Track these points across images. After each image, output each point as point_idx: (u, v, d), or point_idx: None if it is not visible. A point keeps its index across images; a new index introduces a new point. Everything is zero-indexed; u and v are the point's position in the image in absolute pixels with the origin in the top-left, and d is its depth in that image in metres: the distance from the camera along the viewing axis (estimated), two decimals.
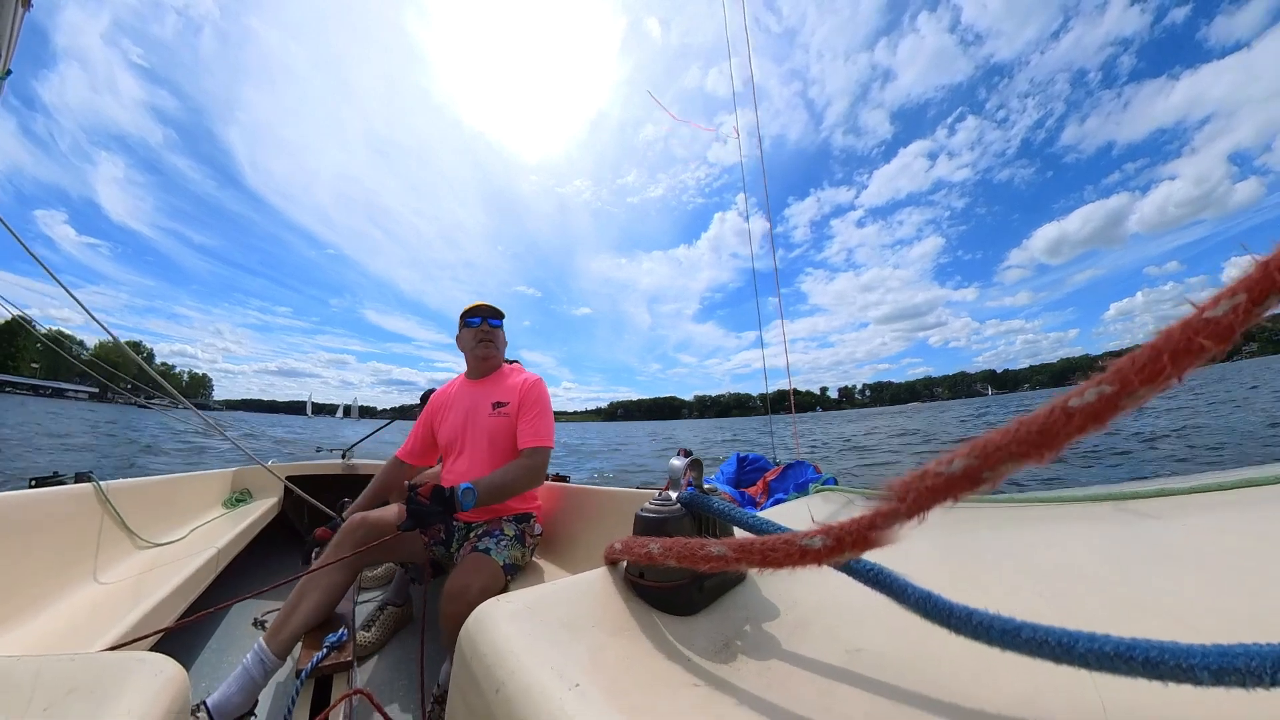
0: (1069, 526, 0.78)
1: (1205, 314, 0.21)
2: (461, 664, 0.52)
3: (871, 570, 0.46)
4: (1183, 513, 0.74)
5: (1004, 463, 0.26)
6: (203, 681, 1.87)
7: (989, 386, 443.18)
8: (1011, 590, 0.58)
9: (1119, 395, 0.22)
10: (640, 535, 0.64)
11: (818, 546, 0.38)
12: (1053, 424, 0.24)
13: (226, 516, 2.82)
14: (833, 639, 0.52)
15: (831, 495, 1.19)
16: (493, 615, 0.54)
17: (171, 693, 0.50)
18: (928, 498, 0.30)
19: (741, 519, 0.62)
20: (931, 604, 0.40)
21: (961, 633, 0.37)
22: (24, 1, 1.35)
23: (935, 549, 0.71)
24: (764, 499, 1.67)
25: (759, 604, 0.62)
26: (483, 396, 2.03)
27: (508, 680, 0.44)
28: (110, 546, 2.02)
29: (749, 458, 2.03)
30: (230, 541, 2.26)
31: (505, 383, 2.07)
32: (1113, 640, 0.30)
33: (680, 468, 0.73)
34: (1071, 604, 0.53)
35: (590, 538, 2.17)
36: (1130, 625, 0.48)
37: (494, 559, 1.64)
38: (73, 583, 1.74)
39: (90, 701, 0.46)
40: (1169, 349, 0.21)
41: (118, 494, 2.13)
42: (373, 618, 2.18)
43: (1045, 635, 0.33)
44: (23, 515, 1.67)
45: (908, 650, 0.48)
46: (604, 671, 0.47)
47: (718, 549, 0.48)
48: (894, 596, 0.44)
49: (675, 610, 0.59)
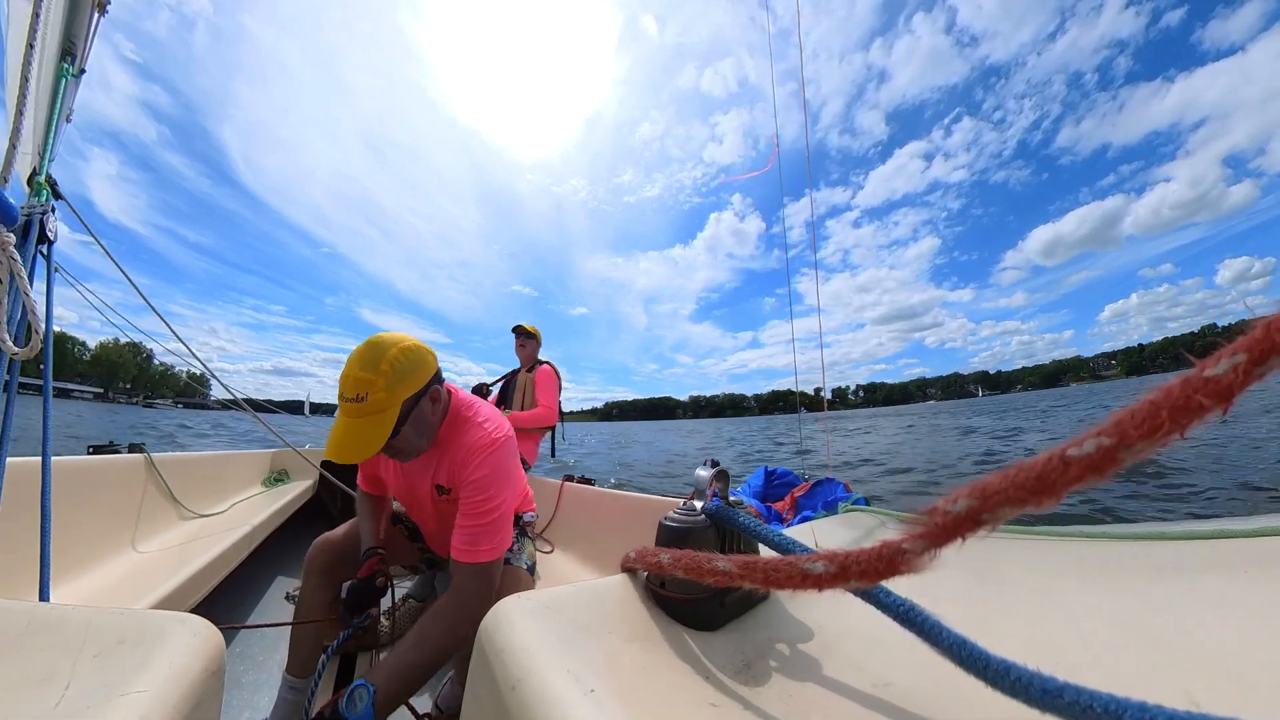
0: (1110, 565, 0.73)
1: (1205, 372, 0.21)
2: (479, 657, 0.53)
3: (902, 606, 0.44)
4: (1241, 558, 0.69)
5: (1002, 506, 0.26)
6: (237, 647, 1.97)
7: (981, 388, 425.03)
8: (1048, 631, 0.55)
9: (1117, 448, 0.22)
10: (661, 544, 0.64)
11: (819, 571, 0.38)
12: (1050, 472, 0.25)
13: (265, 494, 2.98)
14: (859, 670, 0.51)
15: (860, 517, 1.16)
16: (511, 612, 0.55)
17: (209, 652, 0.54)
18: (938, 535, 0.30)
19: (766, 536, 0.61)
20: (966, 651, 0.38)
21: (997, 688, 0.35)
22: (99, 6, 1.46)
23: (967, 576, 0.69)
24: (791, 515, 1.65)
25: (783, 625, 0.61)
26: (423, 470, 1.42)
27: (524, 679, 0.45)
28: (157, 514, 2.18)
29: (777, 471, 2.00)
30: (268, 518, 2.37)
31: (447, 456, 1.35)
32: (1165, 712, 0.28)
33: (706, 478, 0.72)
34: (1114, 652, 0.50)
35: (612, 542, 2.17)
36: (1175, 679, 0.45)
37: (518, 565, 1.51)
38: (122, 544, 1.89)
39: (136, 653, 0.51)
40: (1168, 405, 0.21)
41: (167, 466, 2.29)
42: (394, 607, 2.25)
43: (1090, 700, 0.30)
44: (81, 479, 1.81)
45: (937, 688, 0.45)
46: (620, 678, 0.47)
47: (724, 564, 0.48)
48: (925, 637, 0.42)
49: (696, 624, 0.59)
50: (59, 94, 1.42)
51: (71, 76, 1.44)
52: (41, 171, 1.36)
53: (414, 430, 1.23)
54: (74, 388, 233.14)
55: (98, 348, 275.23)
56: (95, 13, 1.46)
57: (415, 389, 1.18)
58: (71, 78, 1.45)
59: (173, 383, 37.89)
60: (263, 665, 1.88)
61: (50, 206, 1.31)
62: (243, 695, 1.70)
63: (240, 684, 1.76)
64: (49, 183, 1.36)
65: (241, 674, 1.82)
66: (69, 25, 1.41)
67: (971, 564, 0.74)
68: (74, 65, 1.45)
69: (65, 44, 1.42)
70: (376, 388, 1.11)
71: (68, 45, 1.43)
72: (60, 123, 1.43)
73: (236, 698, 1.68)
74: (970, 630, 0.39)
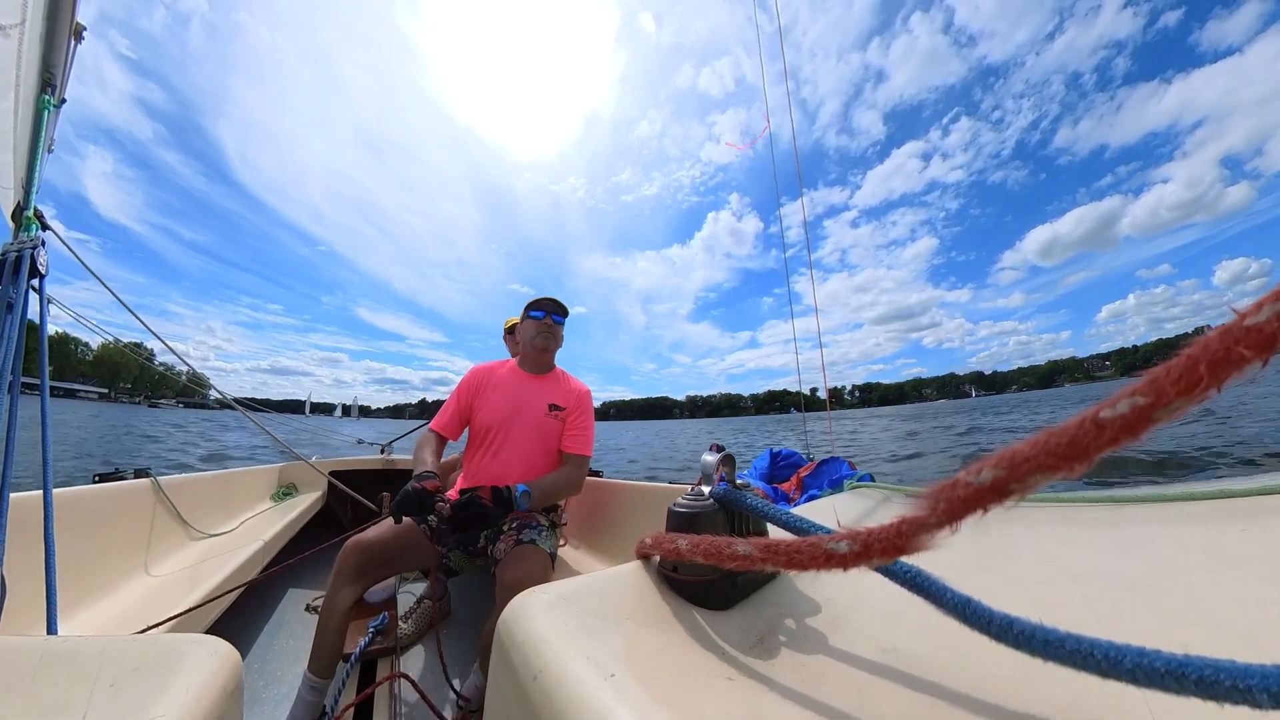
0: (1117, 528, 0.73)
1: (1246, 321, 0.19)
2: (500, 652, 0.54)
3: (909, 573, 0.45)
4: (1243, 516, 0.68)
5: (1032, 474, 0.25)
6: (255, 664, 1.98)
7: (975, 388, 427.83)
8: (1054, 594, 0.56)
9: (1153, 407, 0.21)
10: (672, 530, 0.65)
11: (844, 551, 0.38)
12: (1083, 435, 0.23)
13: (275, 509, 2.97)
14: (867, 638, 0.51)
15: (867, 492, 1.17)
16: (529, 605, 0.55)
17: (226, 672, 0.54)
18: (959, 508, 0.29)
19: (775, 515, 0.62)
20: (971, 609, 0.38)
21: (1002, 641, 0.36)
22: (76, 35, 1.45)
23: (974, 547, 0.69)
24: (798, 495, 1.66)
25: (793, 600, 0.62)
26: (537, 394, 1.98)
27: (544, 669, 0.46)
28: (167, 537, 2.17)
29: (782, 453, 2.01)
30: (278, 533, 2.38)
31: (561, 385, 2.04)
32: (1163, 656, 0.28)
33: (713, 463, 0.72)
34: (1118, 611, 0.51)
35: (623, 531, 2.19)
36: (1182, 636, 0.45)
37: (542, 548, 1.68)
38: (133, 570, 1.88)
39: (152, 678, 0.50)
40: (1206, 358, 0.20)
41: (173, 488, 2.29)
42: (411, 610, 2.25)
43: (1091, 648, 0.31)
44: (88, 508, 1.80)
45: (944, 651, 0.47)
46: (639, 662, 0.48)
47: (744, 548, 0.49)
48: (932, 600, 0.42)
49: (709, 605, 0.60)
50: (42, 127, 1.41)
51: (53, 108, 1.44)
52: (28, 206, 1.36)
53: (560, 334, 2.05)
54: (79, 388, 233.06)
55: (100, 348, 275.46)
56: (72, 41, 1.45)
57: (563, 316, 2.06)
58: (53, 109, 1.44)
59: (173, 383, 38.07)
60: (282, 680, 1.89)
61: (40, 240, 1.31)
62: (264, 712, 1.70)
63: (260, 700, 1.76)
64: (37, 216, 1.36)
65: (261, 690, 1.82)
66: (47, 56, 1.39)
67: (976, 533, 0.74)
68: (54, 96, 1.44)
69: (45, 75, 1.41)
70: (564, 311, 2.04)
71: (47, 76, 1.42)
72: (43, 155, 1.43)
73: (258, 714, 1.69)
74: (976, 594, 0.40)
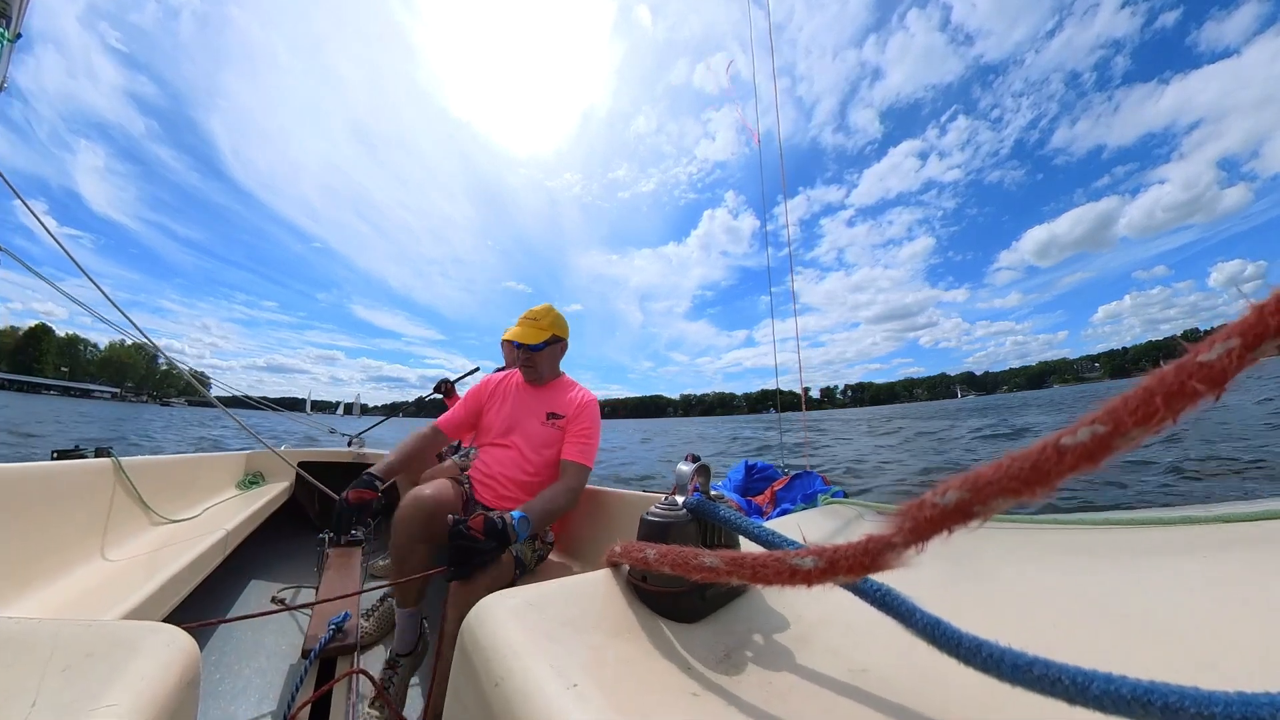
0: (1086, 552, 0.75)
1: (1199, 358, 0.20)
2: (462, 656, 0.53)
3: (878, 591, 0.45)
4: (1208, 543, 0.71)
5: (995, 498, 0.26)
6: (213, 655, 1.91)
7: (964, 389, 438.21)
8: (1023, 616, 0.57)
9: (1112, 435, 0.22)
10: (643, 539, 0.64)
11: (809, 567, 0.38)
12: (1045, 461, 0.24)
13: (240, 498, 2.88)
14: (836, 656, 0.51)
15: (839, 509, 1.18)
16: (494, 610, 0.54)
17: (183, 663, 0.52)
18: (924, 528, 0.29)
19: (746, 528, 0.61)
20: (939, 631, 0.39)
21: (970, 664, 0.36)
22: None
23: (945, 566, 0.70)
24: (771, 508, 1.66)
25: (762, 616, 0.61)
26: (537, 403, 2.05)
27: (506, 676, 0.45)
28: (127, 521, 2.08)
29: (757, 465, 2.02)
30: (242, 522, 2.31)
31: (562, 394, 2.06)
32: (1129, 683, 0.29)
33: (688, 473, 0.72)
34: (1086, 635, 0.51)
35: (601, 539, 2.16)
36: (1147, 661, 0.46)
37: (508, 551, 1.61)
38: (90, 553, 1.79)
39: (106, 665, 0.49)
40: (1162, 391, 0.21)
41: (136, 470, 2.19)
42: (373, 608, 2.18)
43: (1059, 673, 0.31)
44: (45, 486, 1.72)
45: (914, 673, 0.46)
46: (603, 672, 0.47)
47: (711, 560, 0.48)
48: (900, 620, 0.42)
49: (677, 617, 0.59)
50: None
51: (7, 41, 1.35)
52: None
53: (548, 358, 2.05)
54: (94, 388, 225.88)
55: (107, 348, 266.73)
56: None
57: (560, 335, 2.03)
58: (7, 42, 1.36)
59: (175, 381, 36.74)
60: (240, 673, 1.83)
61: None
62: (219, 704, 1.65)
63: (217, 693, 1.71)
64: None
65: (218, 682, 1.76)
66: None
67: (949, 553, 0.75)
68: (9, 30, 1.36)
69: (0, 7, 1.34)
70: (545, 319, 2.00)
71: (2, 8, 1.34)
72: None
73: (214, 706, 1.63)
74: (947, 615, 0.40)
